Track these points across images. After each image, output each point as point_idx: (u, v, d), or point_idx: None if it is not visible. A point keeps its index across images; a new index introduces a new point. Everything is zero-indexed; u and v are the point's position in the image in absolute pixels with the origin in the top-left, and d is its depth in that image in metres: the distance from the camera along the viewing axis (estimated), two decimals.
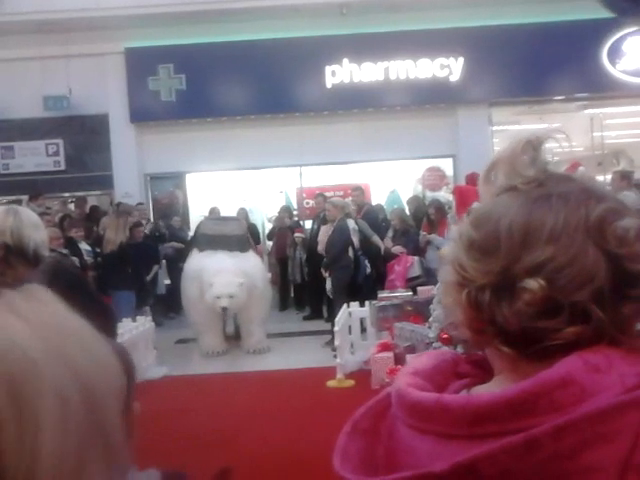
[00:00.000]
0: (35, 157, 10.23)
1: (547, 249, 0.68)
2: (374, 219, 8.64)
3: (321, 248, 7.85)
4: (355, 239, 7.67)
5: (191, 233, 9.61)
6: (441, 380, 0.77)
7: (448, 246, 0.78)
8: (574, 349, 0.67)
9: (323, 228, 7.94)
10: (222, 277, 6.73)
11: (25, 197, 10.19)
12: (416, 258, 7.74)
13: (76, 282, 2.24)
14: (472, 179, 6.47)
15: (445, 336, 4.62)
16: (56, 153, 10.28)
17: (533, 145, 0.75)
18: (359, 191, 9.20)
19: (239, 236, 7.56)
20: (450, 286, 0.75)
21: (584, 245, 0.67)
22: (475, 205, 0.79)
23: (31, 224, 2.36)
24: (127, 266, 7.19)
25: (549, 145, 0.78)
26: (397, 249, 7.87)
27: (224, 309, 6.76)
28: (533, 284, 0.67)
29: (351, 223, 7.65)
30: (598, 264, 0.67)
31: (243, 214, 9.51)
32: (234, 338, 7.69)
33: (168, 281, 9.34)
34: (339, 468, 0.73)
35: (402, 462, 0.71)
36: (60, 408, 0.49)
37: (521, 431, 0.62)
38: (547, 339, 0.67)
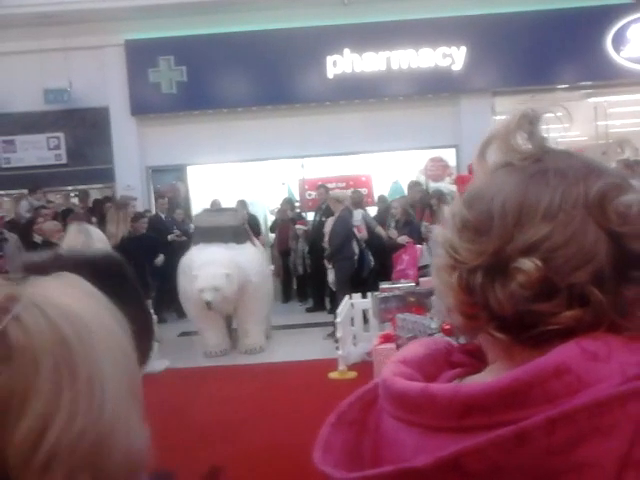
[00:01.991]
0: (36, 151, 10.21)
1: (543, 227, 0.63)
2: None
3: (326, 240, 7.80)
4: (364, 230, 7.62)
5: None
6: (432, 369, 0.73)
7: (440, 227, 0.73)
8: (572, 335, 0.62)
9: (329, 220, 7.88)
10: (207, 269, 6.46)
11: (26, 191, 10.21)
12: (424, 246, 7.69)
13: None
14: None
15: (447, 327, 4.59)
16: (57, 147, 10.26)
17: (530, 119, 0.70)
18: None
19: (234, 227, 7.25)
20: (442, 269, 0.70)
21: (583, 223, 0.63)
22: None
23: (101, 242, 2.45)
24: (129, 260, 7.14)
25: (552, 135, 0.73)
26: (403, 239, 7.83)
27: (208, 304, 6.44)
28: (528, 264, 0.62)
29: (358, 214, 7.59)
30: (598, 243, 0.62)
31: (242, 205, 9.47)
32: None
33: None
34: (319, 461, 0.68)
35: (387, 455, 0.68)
36: (113, 368, 0.54)
37: (512, 423, 0.57)
38: (543, 324, 0.62)
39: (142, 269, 7.69)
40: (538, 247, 0.63)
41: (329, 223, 7.85)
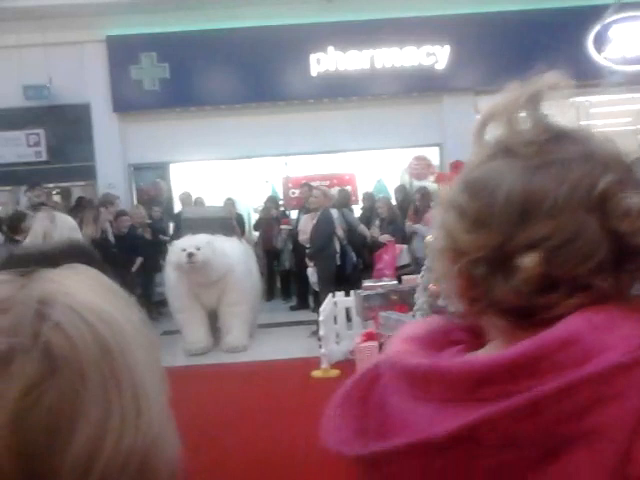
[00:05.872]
0: (16, 148, 10.05)
1: (547, 224, 0.63)
2: None
3: (302, 238, 7.75)
4: (340, 229, 7.60)
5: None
6: (434, 347, 0.73)
7: (436, 209, 0.73)
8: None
9: (304, 217, 7.85)
10: (190, 238, 6.65)
11: (7, 188, 10.07)
12: (405, 246, 7.71)
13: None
14: (456, 167, 6.43)
15: (433, 287, 4.58)
16: (37, 143, 10.11)
17: (534, 101, 0.69)
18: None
19: (221, 218, 7.20)
20: (441, 253, 0.70)
21: (586, 220, 0.63)
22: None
23: (67, 228, 2.40)
24: (111, 258, 7.03)
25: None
26: (385, 237, 7.84)
27: (191, 256, 6.45)
28: (530, 261, 0.63)
29: (334, 212, 7.58)
30: (600, 240, 0.63)
31: (230, 204, 9.39)
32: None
33: None
34: (329, 442, 0.68)
35: (395, 433, 0.67)
36: (150, 373, 0.49)
37: (522, 394, 0.58)
38: (545, 312, 0.64)
39: (124, 267, 7.65)
40: (540, 244, 0.63)
41: (304, 220, 7.81)
